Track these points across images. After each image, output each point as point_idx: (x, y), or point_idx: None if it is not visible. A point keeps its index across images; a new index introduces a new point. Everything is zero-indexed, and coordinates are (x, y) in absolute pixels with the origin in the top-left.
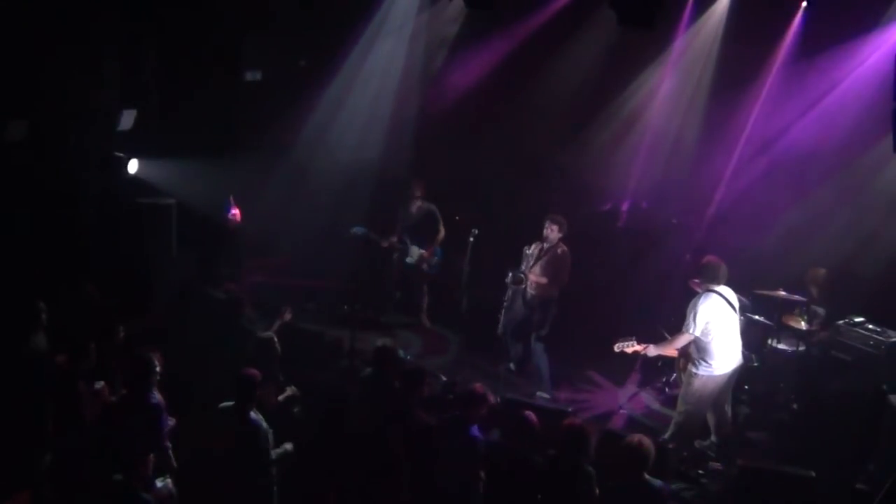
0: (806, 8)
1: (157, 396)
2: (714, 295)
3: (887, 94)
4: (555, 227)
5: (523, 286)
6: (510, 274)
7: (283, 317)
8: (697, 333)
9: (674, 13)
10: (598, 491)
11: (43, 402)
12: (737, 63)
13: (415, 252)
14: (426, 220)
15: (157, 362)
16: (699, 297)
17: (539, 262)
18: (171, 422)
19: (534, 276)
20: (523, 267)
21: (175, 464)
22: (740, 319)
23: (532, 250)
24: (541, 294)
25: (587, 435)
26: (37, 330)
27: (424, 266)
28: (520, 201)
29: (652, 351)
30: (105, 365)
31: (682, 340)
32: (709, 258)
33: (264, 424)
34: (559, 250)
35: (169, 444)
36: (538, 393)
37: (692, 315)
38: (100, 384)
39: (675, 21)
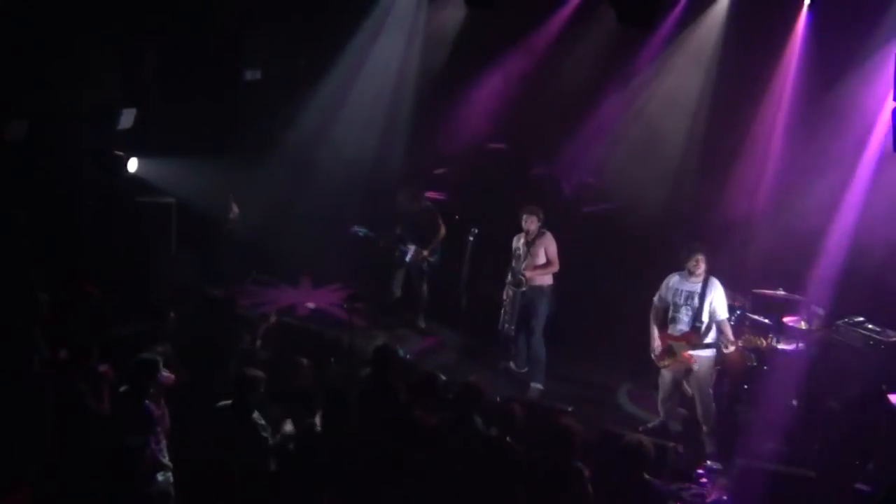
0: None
1: (159, 401)
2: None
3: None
4: (533, 219)
5: (523, 286)
6: (510, 277)
7: (269, 320)
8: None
9: (672, 11)
10: (591, 489)
11: (43, 400)
12: (738, 61)
13: (413, 250)
14: (426, 219)
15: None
16: (713, 284)
17: (529, 256)
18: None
19: (528, 272)
20: (514, 264)
21: (170, 463)
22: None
23: (520, 244)
24: (537, 285)
25: (575, 434)
26: (38, 328)
27: (424, 265)
28: (519, 201)
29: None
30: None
31: (730, 329)
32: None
33: (262, 422)
34: (544, 238)
35: (162, 447)
36: (532, 383)
37: (720, 303)
38: (103, 367)
39: (674, 19)
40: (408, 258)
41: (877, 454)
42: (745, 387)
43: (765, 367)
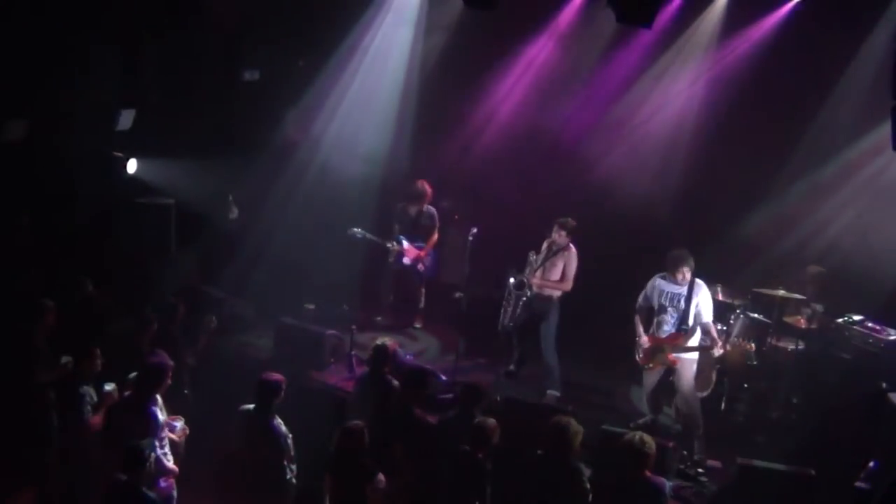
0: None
1: (158, 403)
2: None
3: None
4: (563, 232)
5: (525, 290)
6: (511, 280)
7: (208, 327)
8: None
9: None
10: (588, 486)
11: (47, 401)
12: (736, 60)
13: (412, 253)
14: (424, 222)
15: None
16: (698, 287)
17: (545, 264)
18: (180, 424)
19: (539, 279)
20: (527, 272)
21: (175, 468)
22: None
23: (539, 254)
24: (547, 295)
25: (572, 431)
26: (41, 333)
27: (420, 266)
28: (519, 200)
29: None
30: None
31: (715, 331)
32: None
33: (284, 429)
34: (568, 254)
35: (166, 451)
36: (549, 391)
37: (705, 305)
38: (110, 386)
39: (673, 20)
40: (405, 260)
41: (877, 454)
42: (745, 386)
43: (765, 367)
